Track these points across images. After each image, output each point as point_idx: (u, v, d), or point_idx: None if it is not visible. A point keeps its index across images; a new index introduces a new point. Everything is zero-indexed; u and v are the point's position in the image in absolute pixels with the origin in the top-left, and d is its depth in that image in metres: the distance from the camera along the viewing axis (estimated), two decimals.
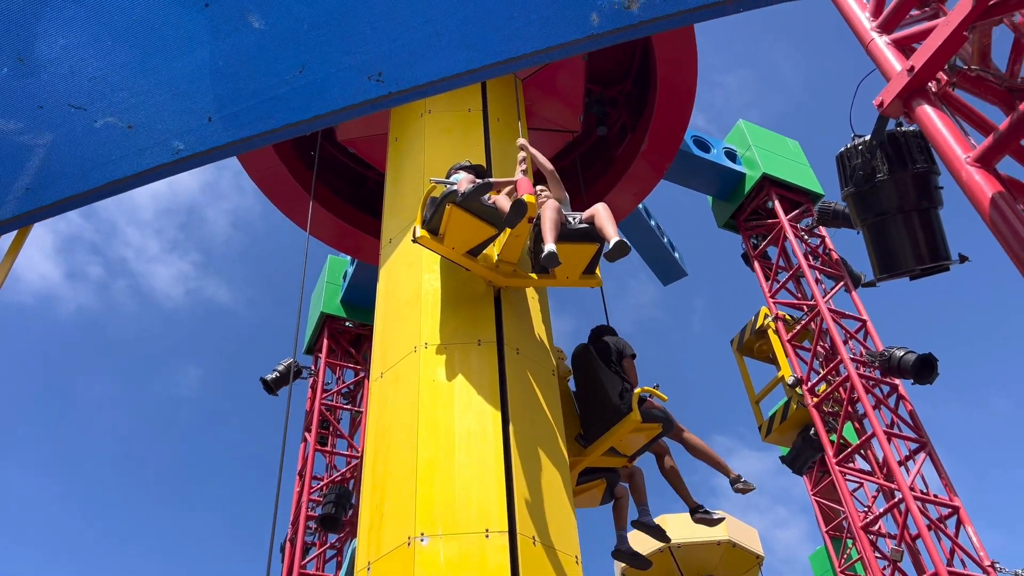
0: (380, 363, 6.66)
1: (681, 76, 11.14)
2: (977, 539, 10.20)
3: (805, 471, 12.98)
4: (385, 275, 7.54)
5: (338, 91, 3.46)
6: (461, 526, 5.27)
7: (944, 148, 3.73)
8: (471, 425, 5.85)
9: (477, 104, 9.07)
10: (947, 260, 4.65)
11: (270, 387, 13.55)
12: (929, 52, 3.86)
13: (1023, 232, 3.29)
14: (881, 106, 4.10)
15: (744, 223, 14.32)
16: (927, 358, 10.75)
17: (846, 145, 4.86)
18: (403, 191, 8.08)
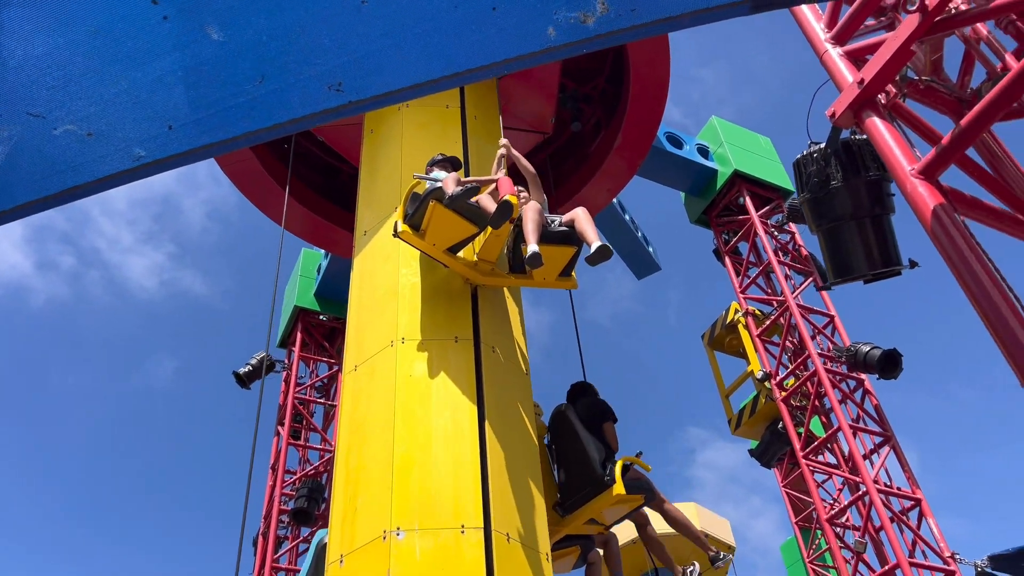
0: (355, 356, 6.69)
1: (654, 74, 11.25)
2: (938, 531, 10.45)
3: (773, 464, 13.20)
4: (359, 267, 7.56)
5: (298, 100, 3.51)
6: (437, 521, 5.33)
7: (891, 160, 3.85)
8: (448, 422, 5.91)
9: (455, 101, 9.11)
10: (898, 265, 4.79)
11: (243, 381, 13.54)
12: (877, 66, 3.97)
13: (961, 244, 3.42)
14: (833, 116, 4.21)
15: (716, 219, 14.48)
16: (892, 353, 10.97)
17: (802, 152, 4.99)
18: (379, 184, 8.09)
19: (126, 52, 3.33)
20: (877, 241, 4.75)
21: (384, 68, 3.63)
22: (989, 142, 4.51)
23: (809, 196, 4.85)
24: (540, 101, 11.34)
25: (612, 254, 5.83)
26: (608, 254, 5.77)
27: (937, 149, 3.70)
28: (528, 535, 5.71)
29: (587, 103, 12.45)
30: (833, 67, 4.33)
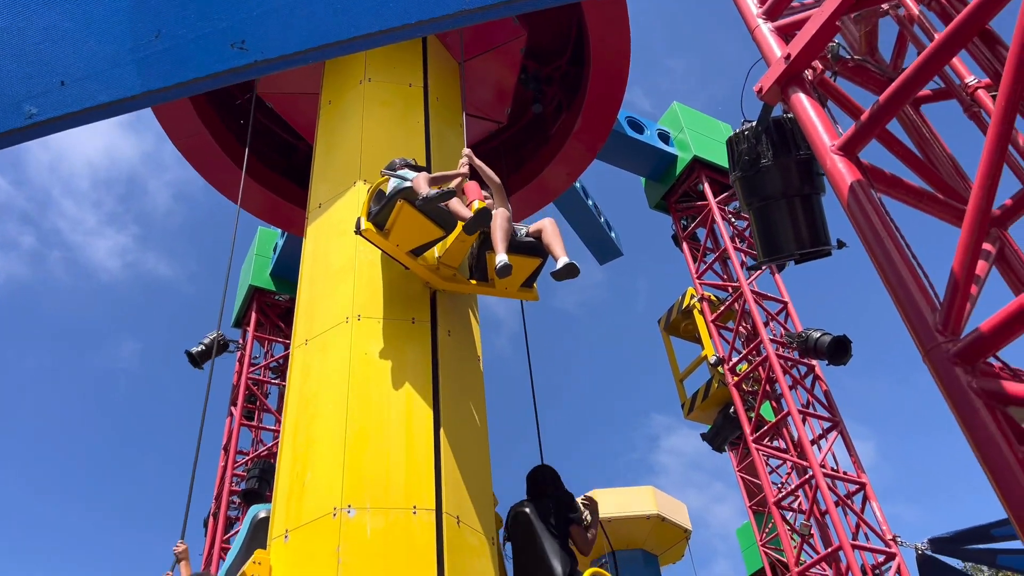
0: (305, 330, 6.56)
1: (614, 55, 11.17)
2: (881, 514, 10.61)
3: (725, 448, 13.31)
4: (313, 240, 7.40)
5: (198, 58, 3.39)
6: (389, 501, 5.28)
7: (812, 136, 3.82)
8: (403, 403, 5.84)
9: (418, 80, 8.97)
10: (827, 245, 4.79)
11: (195, 360, 13.32)
12: (803, 41, 3.94)
13: (875, 220, 3.40)
14: (760, 92, 4.17)
15: (675, 204, 14.50)
16: (841, 340, 11.07)
17: (736, 130, 4.95)
18: (337, 156, 7.91)
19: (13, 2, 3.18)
20: (806, 221, 4.73)
21: (292, 26, 3.51)
22: (918, 123, 4.51)
23: (740, 175, 4.82)
24: (500, 88, 11.26)
25: (579, 272, 5.65)
26: (575, 272, 5.61)
27: (856, 125, 3.68)
28: (476, 519, 5.71)
29: (549, 84, 12.36)
30: (763, 42, 4.29)
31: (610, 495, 19.36)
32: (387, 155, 8.03)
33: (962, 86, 4.17)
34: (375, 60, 8.85)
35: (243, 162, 12.03)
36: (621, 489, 19.82)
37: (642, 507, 19.09)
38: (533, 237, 6.11)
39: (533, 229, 6.16)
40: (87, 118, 3.57)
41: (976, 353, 2.92)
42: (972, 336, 2.93)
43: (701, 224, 14.15)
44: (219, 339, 13.32)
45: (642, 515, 19.00)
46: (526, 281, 6.47)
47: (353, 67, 8.85)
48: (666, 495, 19.90)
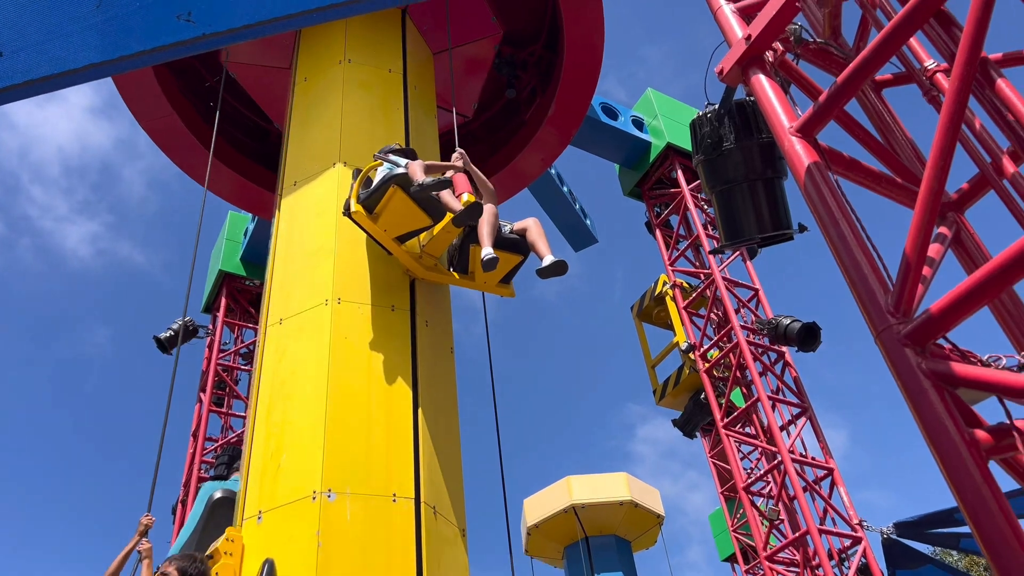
0: (281, 309, 6.44)
1: (588, 41, 11.13)
2: (848, 499, 10.73)
3: (696, 434, 13.39)
4: (288, 218, 7.24)
5: (142, 31, 3.30)
6: (369, 487, 5.26)
7: (771, 117, 3.80)
8: (383, 390, 5.81)
9: (398, 67, 8.90)
10: (788, 230, 4.79)
11: (163, 346, 13.16)
12: (764, 22, 3.92)
13: (830, 201, 3.39)
14: (721, 73, 4.15)
15: (648, 191, 14.50)
16: (811, 327, 11.15)
17: (699, 113, 4.93)
18: (314, 134, 7.77)
19: None
20: (768, 204, 4.73)
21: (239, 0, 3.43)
22: (879, 108, 4.50)
23: (703, 158, 4.81)
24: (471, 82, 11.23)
25: (567, 269, 5.71)
26: (563, 269, 5.68)
27: (814, 107, 3.66)
28: (451, 510, 5.74)
29: (523, 69, 12.29)
30: (725, 23, 4.27)
31: (584, 481, 19.45)
32: (367, 138, 7.94)
33: (921, 70, 4.17)
34: (355, 41, 8.75)
35: (210, 144, 11.88)
36: (595, 476, 19.91)
37: (616, 493, 19.19)
38: (517, 234, 6.18)
39: (518, 227, 6.23)
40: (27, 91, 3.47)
41: (926, 334, 2.92)
42: (922, 318, 2.93)
43: (674, 211, 14.17)
44: (188, 324, 13.17)
45: (615, 501, 19.10)
46: (505, 277, 6.54)
47: (332, 45, 8.73)
48: (639, 481, 20.01)
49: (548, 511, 19.26)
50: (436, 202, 5.94)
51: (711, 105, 4.87)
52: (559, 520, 19.18)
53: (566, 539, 19.67)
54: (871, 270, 3.17)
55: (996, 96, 3.55)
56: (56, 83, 3.44)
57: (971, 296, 2.77)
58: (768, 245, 4.90)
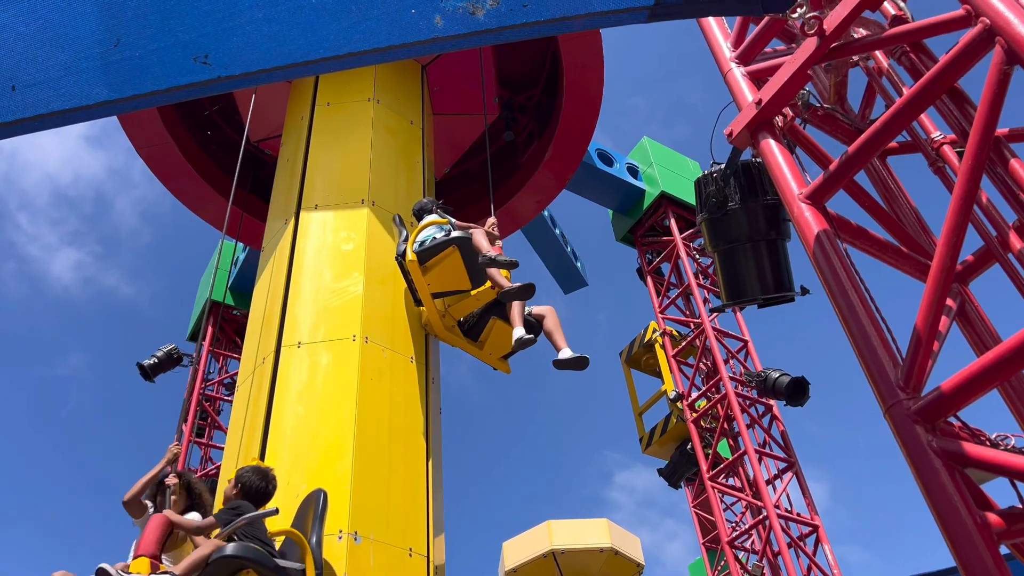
0: (299, 332, 6.23)
1: (587, 87, 11.27)
2: (832, 558, 10.63)
3: (681, 484, 13.28)
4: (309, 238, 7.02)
5: (159, 70, 3.28)
6: (390, 538, 5.23)
7: (780, 182, 3.82)
8: (403, 441, 5.84)
9: (418, 120, 9.13)
10: (790, 291, 4.80)
11: (147, 373, 12.93)
12: (775, 87, 3.95)
13: (839, 270, 3.39)
14: (730, 136, 4.17)
15: (641, 238, 14.57)
16: (799, 381, 11.14)
17: (704, 171, 4.96)
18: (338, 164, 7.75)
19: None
20: (771, 266, 4.74)
21: (256, 44, 3.42)
22: (884, 175, 4.55)
23: (707, 216, 4.83)
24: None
25: (588, 365, 5.91)
26: (584, 364, 5.88)
27: (825, 175, 3.68)
28: (443, 567, 5.87)
29: (522, 113, 12.40)
30: (735, 86, 4.31)
31: (565, 526, 19.15)
32: (392, 184, 7.99)
33: (928, 140, 4.22)
34: (383, 83, 8.86)
35: (206, 171, 11.83)
36: (576, 521, 19.61)
37: (596, 540, 18.86)
38: (535, 319, 6.38)
39: (536, 312, 6.43)
40: (37, 125, 3.42)
41: (937, 412, 2.90)
42: (933, 395, 2.91)
43: (666, 259, 14.23)
44: (172, 352, 12.98)
45: (596, 548, 18.80)
46: (508, 353, 6.70)
47: (359, 78, 8.77)
48: (620, 528, 19.70)
49: (527, 555, 18.89)
50: (482, 271, 6.13)
51: (716, 164, 4.91)
52: (538, 565, 18.82)
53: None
54: (880, 343, 3.16)
55: (1006, 172, 3.58)
56: (65, 119, 3.40)
57: (983, 377, 2.76)
58: (769, 306, 4.90)
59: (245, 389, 6.20)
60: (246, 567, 4.07)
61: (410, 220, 7.37)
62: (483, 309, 6.51)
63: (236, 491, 4.57)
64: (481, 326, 6.53)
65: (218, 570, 4.03)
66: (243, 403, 6.06)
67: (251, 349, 6.56)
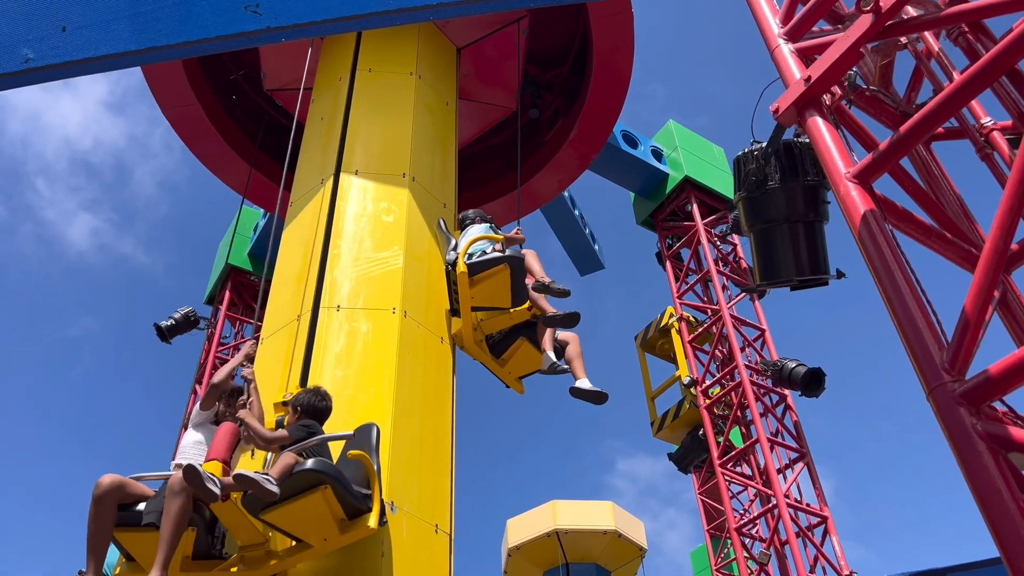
0: (338, 296, 6.18)
1: (617, 67, 11.16)
2: (840, 549, 10.63)
3: (691, 470, 13.29)
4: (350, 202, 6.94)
5: (211, 18, 3.25)
6: (420, 512, 5.28)
7: (827, 160, 3.77)
8: (432, 419, 5.89)
9: (453, 103, 9.10)
10: (825, 274, 4.75)
11: (163, 334, 13.02)
12: (826, 64, 3.89)
13: (886, 251, 3.35)
14: (776, 112, 4.12)
15: (662, 222, 14.49)
16: (816, 372, 11.09)
17: (744, 149, 4.90)
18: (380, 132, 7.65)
19: None
20: (808, 247, 4.69)
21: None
22: (928, 160, 4.48)
23: (745, 195, 4.77)
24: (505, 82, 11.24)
25: (606, 401, 6.10)
26: (603, 399, 6.07)
27: (874, 155, 3.63)
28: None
29: (548, 91, 12.31)
30: (783, 62, 4.24)
31: (570, 507, 19.26)
32: (428, 162, 7.91)
33: (977, 127, 4.15)
34: (424, 59, 8.80)
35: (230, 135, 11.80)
36: (581, 502, 19.73)
37: (600, 522, 19.00)
38: (559, 344, 6.54)
39: (561, 337, 6.58)
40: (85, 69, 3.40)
41: (982, 396, 2.87)
42: (979, 378, 2.88)
43: (686, 244, 14.15)
44: (190, 315, 13.05)
45: (599, 530, 18.92)
46: (524, 375, 6.85)
47: (400, 47, 8.70)
48: (625, 512, 19.83)
49: (531, 534, 19.06)
50: (524, 292, 6.25)
51: (757, 142, 4.84)
52: (541, 544, 18.98)
53: (546, 563, 19.45)
54: (926, 324, 3.12)
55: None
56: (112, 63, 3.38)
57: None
58: (803, 288, 4.86)
59: (276, 343, 6.16)
60: (323, 483, 4.17)
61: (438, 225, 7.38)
62: (512, 328, 6.59)
63: (297, 415, 4.71)
64: (506, 345, 6.63)
65: (298, 482, 4.15)
66: (274, 356, 6.02)
67: (282, 302, 6.52)
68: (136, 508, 4.29)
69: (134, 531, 4.23)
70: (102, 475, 4.24)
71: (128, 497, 4.27)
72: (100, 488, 4.16)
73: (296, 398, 4.83)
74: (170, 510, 4.01)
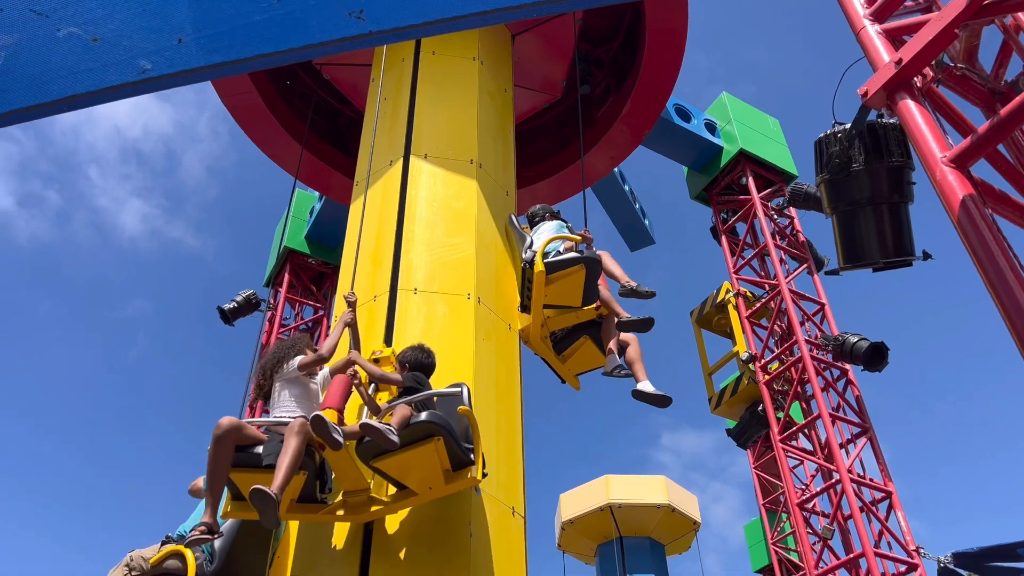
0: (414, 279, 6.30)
1: (670, 41, 11.03)
2: (906, 524, 10.57)
3: (749, 445, 13.28)
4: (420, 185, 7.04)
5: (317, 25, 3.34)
6: (498, 495, 5.42)
7: (922, 145, 3.73)
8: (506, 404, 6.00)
9: (510, 90, 9.10)
10: (911, 256, 4.71)
11: (227, 317, 13.37)
12: (919, 46, 3.84)
13: (988, 236, 3.32)
14: (865, 96, 4.08)
15: (716, 197, 14.35)
16: (879, 346, 10.97)
17: (826, 131, 4.85)
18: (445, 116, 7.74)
19: None
20: (892, 229, 4.65)
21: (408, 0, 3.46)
22: (1020, 139, 4.40)
23: (828, 177, 4.73)
24: (554, 61, 11.18)
25: (670, 404, 6.16)
26: (667, 403, 6.14)
27: (972, 138, 3.58)
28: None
29: (599, 67, 12.22)
30: (870, 44, 4.19)
31: (622, 481, 19.43)
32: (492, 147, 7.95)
33: None
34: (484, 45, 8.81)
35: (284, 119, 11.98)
36: (633, 477, 19.89)
37: (653, 496, 19.16)
38: (620, 345, 6.57)
39: (623, 339, 6.62)
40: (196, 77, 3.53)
41: None
42: None
43: (742, 219, 14.01)
44: (251, 297, 13.36)
45: (653, 504, 19.08)
46: (583, 372, 6.94)
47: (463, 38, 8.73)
48: (678, 486, 19.94)
49: (584, 508, 19.30)
50: (595, 292, 6.31)
51: (839, 124, 4.79)
52: (594, 518, 19.22)
53: (600, 537, 19.70)
54: None
55: None
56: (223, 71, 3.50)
57: None
58: (887, 270, 4.83)
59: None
60: (436, 435, 4.35)
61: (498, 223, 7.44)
62: (575, 327, 6.65)
63: (405, 371, 4.93)
64: (569, 342, 6.69)
65: (413, 433, 4.33)
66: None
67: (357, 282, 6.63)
68: (253, 450, 4.42)
69: (253, 472, 4.36)
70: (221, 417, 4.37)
71: (244, 439, 4.41)
72: (220, 428, 4.30)
73: (403, 354, 5.06)
74: (289, 446, 4.20)
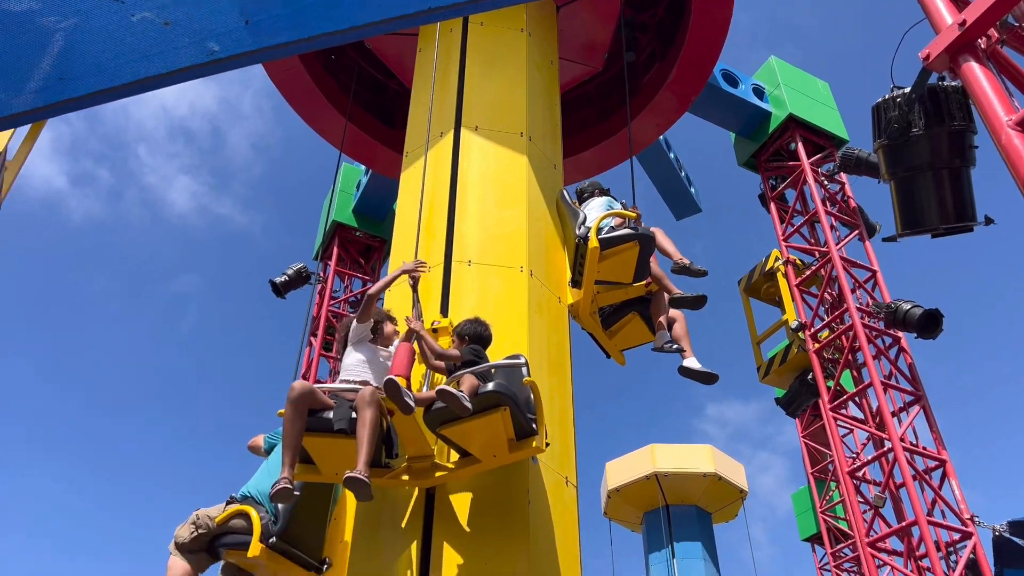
0: (467, 251, 6.35)
1: (716, 5, 10.85)
2: (960, 493, 10.45)
3: (798, 414, 13.20)
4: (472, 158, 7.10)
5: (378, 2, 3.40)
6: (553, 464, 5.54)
7: (987, 108, 3.66)
8: (557, 376, 6.10)
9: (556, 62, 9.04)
10: (972, 221, 4.62)
11: (278, 290, 13.66)
12: (984, 7, 3.74)
13: None
14: (927, 59, 4.00)
15: (765, 163, 14.12)
16: (933, 313, 10.78)
17: (884, 96, 4.76)
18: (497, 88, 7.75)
19: None
20: (953, 194, 4.56)
21: None
22: None
23: (887, 142, 4.65)
24: (598, 28, 11.05)
25: (716, 381, 6.24)
26: (713, 380, 6.23)
27: None
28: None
29: (643, 32, 12.06)
30: (931, 5, 4.09)
31: (669, 450, 19.49)
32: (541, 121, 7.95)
33: None
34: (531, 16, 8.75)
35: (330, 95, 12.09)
36: (679, 446, 19.93)
37: (700, 465, 19.20)
38: (667, 321, 6.58)
39: (670, 314, 6.62)
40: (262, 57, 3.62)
41: None
42: None
43: (791, 185, 13.78)
44: (302, 271, 13.63)
45: (699, 473, 19.13)
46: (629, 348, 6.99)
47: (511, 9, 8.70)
48: (724, 455, 19.93)
49: (630, 476, 19.44)
50: (646, 269, 6.35)
51: (897, 88, 4.70)
52: (640, 486, 19.34)
53: (646, 505, 19.83)
54: None
55: None
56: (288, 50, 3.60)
57: None
58: (947, 235, 4.75)
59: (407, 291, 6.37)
60: (503, 405, 4.47)
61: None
62: (624, 303, 6.66)
63: (464, 343, 5.03)
64: (617, 318, 6.71)
65: (482, 402, 4.46)
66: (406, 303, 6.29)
67: (408, 252, 6.70)
68: (324, 415, 4.56)
69: (326, 436, 4.51)
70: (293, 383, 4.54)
71: (316, 404, 4.56)
72: (294, 392, 4.47)
73: (461, 327, 5.15)
74: (366, 418, 4.35)
